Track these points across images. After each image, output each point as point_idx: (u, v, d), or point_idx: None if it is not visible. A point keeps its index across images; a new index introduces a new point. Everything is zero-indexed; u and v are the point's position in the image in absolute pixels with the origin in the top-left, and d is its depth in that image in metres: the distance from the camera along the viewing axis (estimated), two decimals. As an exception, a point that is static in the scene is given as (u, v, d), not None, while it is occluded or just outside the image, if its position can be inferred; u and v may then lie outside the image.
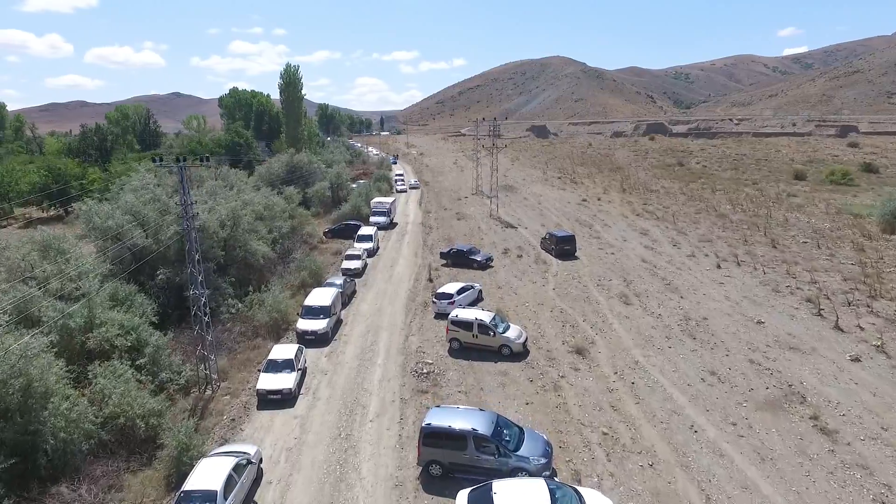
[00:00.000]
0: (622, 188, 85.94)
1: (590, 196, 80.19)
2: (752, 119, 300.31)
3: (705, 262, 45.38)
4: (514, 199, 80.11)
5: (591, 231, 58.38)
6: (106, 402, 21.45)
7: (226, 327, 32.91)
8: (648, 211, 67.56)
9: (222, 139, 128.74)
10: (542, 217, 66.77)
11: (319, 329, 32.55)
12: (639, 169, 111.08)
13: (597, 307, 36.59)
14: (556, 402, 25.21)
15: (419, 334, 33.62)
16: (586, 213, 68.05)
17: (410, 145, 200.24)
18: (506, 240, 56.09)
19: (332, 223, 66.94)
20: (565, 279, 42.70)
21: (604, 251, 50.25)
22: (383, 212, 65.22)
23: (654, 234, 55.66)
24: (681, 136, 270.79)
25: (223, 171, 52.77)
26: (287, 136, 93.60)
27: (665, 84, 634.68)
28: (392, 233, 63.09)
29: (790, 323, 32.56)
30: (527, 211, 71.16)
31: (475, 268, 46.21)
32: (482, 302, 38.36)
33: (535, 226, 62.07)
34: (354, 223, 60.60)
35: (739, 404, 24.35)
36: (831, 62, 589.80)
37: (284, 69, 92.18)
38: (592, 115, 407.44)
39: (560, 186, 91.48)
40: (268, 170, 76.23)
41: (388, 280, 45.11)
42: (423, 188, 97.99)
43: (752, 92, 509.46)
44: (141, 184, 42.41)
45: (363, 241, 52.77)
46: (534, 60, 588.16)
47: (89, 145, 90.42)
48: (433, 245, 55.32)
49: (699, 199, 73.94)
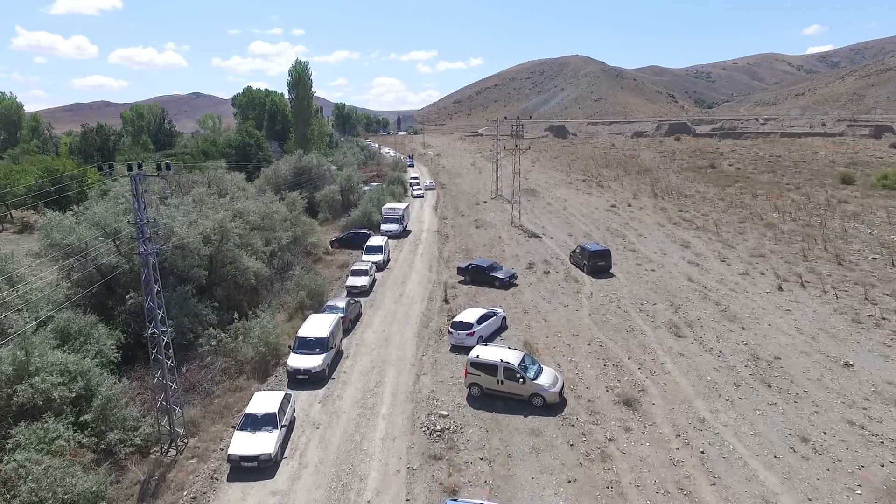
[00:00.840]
0: (653, 192, 79.76)
1: (619, 201, 74.16)
2: (778, 119, 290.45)
3: (763, 283, 39.37)
4: (537, 204, 74.40)
5: (624, 242, 52.53)
6: (18, 487, 16.32)
7: (204, 363, 27.79)
8: (686, 219, 61.45)
9: (232, 139, 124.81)
10: (568, 225, 60.97)
11: (314, 367, 27.31)
12: (668, 171, 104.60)
13: (643, 340, 30.88)
14: (606, 480, 19.64)
15: (432, 373, 28.24)
16: (617, 221, 62.11)
17: (427, 145, 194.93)
18: (530, 252, 50.48)
19: (340, 230, 61.86)
20: (602, 302, 37.01)
21: (642, 267, 44.41)
22: (395, 219, 59.95)
23: (697, 247, 49.66)
24: (705, 136, 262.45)
25: (217, 176, 47.80)
26: (296, 136, 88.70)
27: (686, 83, 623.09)
28: (405, 242, 57.76)
29: (886, 366, 26.60)
30: (551, 218, 65.40)
31: (497, 286, 40.71)
32: (506, 331, 32.85)
33: (561, 236, 56.35)
34: (363, 232, 55.42)
35: (851, 490, 18.58)
36: (858, 60, 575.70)
37: (293, 65, 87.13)
38: (612, 114, 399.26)
39: (586, 190, 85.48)
40: (274, 172, 71.50)
41: (398, 300, 39.78)
42: (439, 191, 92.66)
43: (776, 91, 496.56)
44: (121, 191, 37.70)
45: (372, 254, 47.55)
46: (552, 60, 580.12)
47: (91, 146, 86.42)
48: (449, 257, 49.92)
49: (740, 205, 67.61)
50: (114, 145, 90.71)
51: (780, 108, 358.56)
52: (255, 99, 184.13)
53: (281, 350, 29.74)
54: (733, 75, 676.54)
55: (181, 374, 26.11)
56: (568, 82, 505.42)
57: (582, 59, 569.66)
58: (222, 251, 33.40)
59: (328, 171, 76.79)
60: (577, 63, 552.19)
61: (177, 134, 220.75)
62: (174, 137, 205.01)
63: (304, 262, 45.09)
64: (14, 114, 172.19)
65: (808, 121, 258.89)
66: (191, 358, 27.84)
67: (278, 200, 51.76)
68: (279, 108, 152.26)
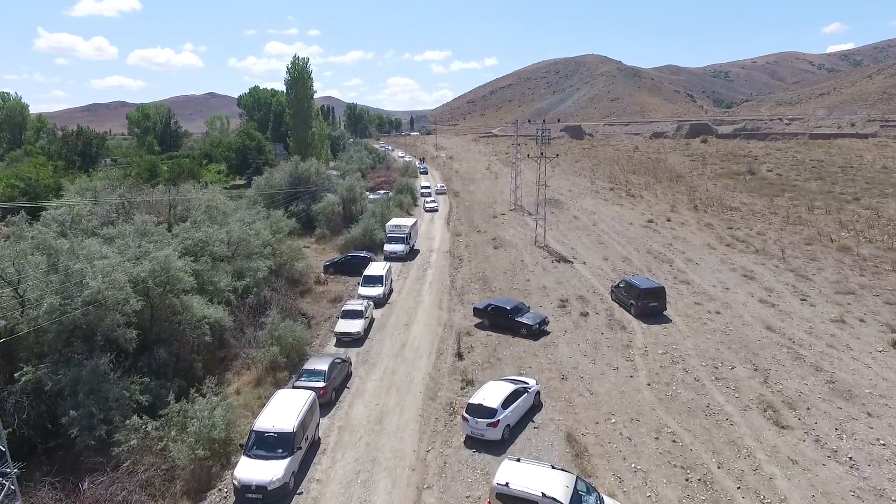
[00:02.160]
0: (693, 204, 70.82)
1: (655, 215, 65.37)
2: (804, 119, 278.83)
3: (868, 335, 30.59)
4: (562, 217, 65.83)
5: (672, 270, 43.88)
6: None
7: (118, 474, 19.70)
8: (739, 238, 52.61)
9: (232, 142, 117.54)
10: (602, 246, 52.34)
11: (272, 480, 19.15)
12: (703, 178, 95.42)
13: (731, 431, 22.35)
14: None
15: (440, 485, 20.00)
16: (658, 241, 53.39)
17: (440, 147, 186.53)
18: (560, 282, 42.00)
19: (338, 250, 53.82)
20: (662, 363, 28.48)
21: (703, 307, 35.76)
22: (401, 238, 51.69)
23: (764, 278, 40.87)
24: (728, 137, 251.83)
25: (183, 193, 39.64)
26: (294, 140, 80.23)
27: (704, 82, 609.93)
28: (411, 265, 49.53)
29: None
30: (580, 236, 56.79)
31: (523, 334, 32.35)
32: (540, 411, 24.47)
33: (595, 259, 47.80)
34: (363, 255, 47.28)
35: None
36: (882, 58, 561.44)
37: (292, 62, 78.61)
38: (629, 114, 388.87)
39: (615, 201, 76.69)
40: (267, 182, 63.63)
41: (399, 352, 31.54)
42: (452, 200, 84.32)
43: (798, 90, 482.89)
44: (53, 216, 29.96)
45: (370, 286, 39.42)
46: (568, 59, 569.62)
47: (71, 150, 79.06)
48: (463, 288, 41.63)
49: (798, 221, 58.59)
50: (97, 150, 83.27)
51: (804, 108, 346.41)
52: (261, 99, 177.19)
53: (233, 446, 21.59)
54: (752, 74, 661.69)
55: (80, 495, 18.13)
56: (584, 82, 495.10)
57: (598, 58, 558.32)
58: (165, 301, 25.37)
59: (328, 179, 68.80)
60: (592, 62, 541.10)
61: (183, 135, 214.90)
62: (180, 139, 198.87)
63: (288, 298, 36.93)
64: (18, 114, 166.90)
65: (835, 121, 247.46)
66: (99, 466, 19.80)
67: (265, 217, 43.84)
68: (285, 109, 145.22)
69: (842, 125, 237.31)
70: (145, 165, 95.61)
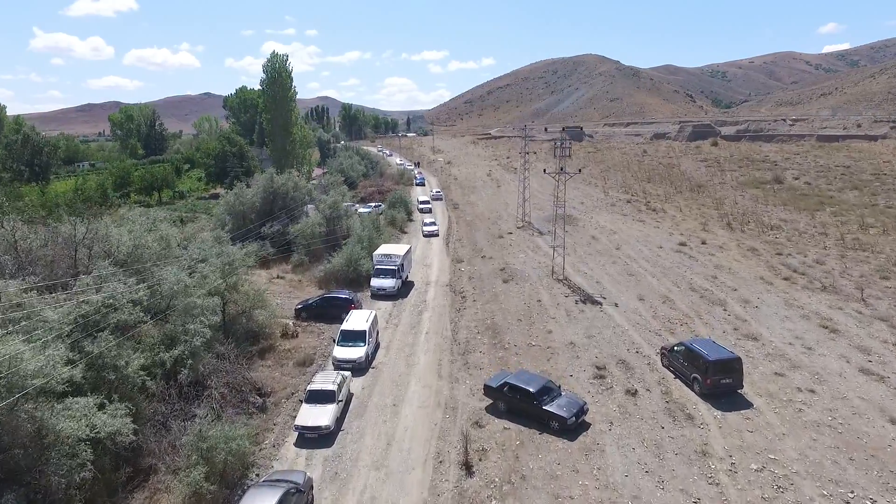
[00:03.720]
0: (725, 221, 62.14)
1: (686, 235, 56.67)
2: (808, 119, 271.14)
3: None
4: (578, 237, 57.04)
5: (728, 317, 35.11)
6: None
7: None
8: (796, 269, 43.94)
9: (211, 148, 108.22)
10: (633, 279, 43.46)
11: None
12: (725, 187, 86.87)
13: None
14: None
15: None
16: (698, 271, 44.63)
17: (437, 150, 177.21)
18: (591, 335, 33.15)
19: (316, 284, 44.91)
20: (762, 488, 19.64)
21: (787, 380, 26.97)
22: (391, 270, 42.67)
23: (850, 331, 32.14)
24: (732, 138, 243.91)
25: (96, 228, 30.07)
26: (272, 148, 70.54)
27: (702, 82, 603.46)
28: (404, 306, 40.57)
29: None
30: (604, 264, 47.94)
31: (552, 428, 23.52)
32: None
33: (628, 299, 38.97)
34: (343, 296, 38.22)
35: None
36: (880, 58, 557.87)
37: (269, 59, 68.69)
38: (629, 115, 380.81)
39: (635, 216, 67.91)
40: (238, 199, 54.41)
41: (381, 458, 22.63)
42: (452, 213, 75.41)
43: (798, 90, 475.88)
44: None
45: (349, 345, 30.57)
46: (565, 59, 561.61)
47: (17, 159, 69.58)
48: (469, 344, 32.76)
49: (857, 244, 49.97)
50: (48, 159, 73.85)
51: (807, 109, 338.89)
52: (248, 101, 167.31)
53: None
54: (750, 74, 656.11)
55: None
56: (582, 82, 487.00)
57: (596, 57, 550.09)
58: (15, 418, 16.37)
59: (309, 194, 59.68)
60: (591, 62, 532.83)
61: (171, 137, 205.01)
62: (165, 141, 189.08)
63: (238, 367, 27.91)
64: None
65: (840, 121, 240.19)
66: None
67: (218, 254, 34.47)
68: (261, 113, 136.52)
69: (847, 126, 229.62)
70: (116, 173, 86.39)
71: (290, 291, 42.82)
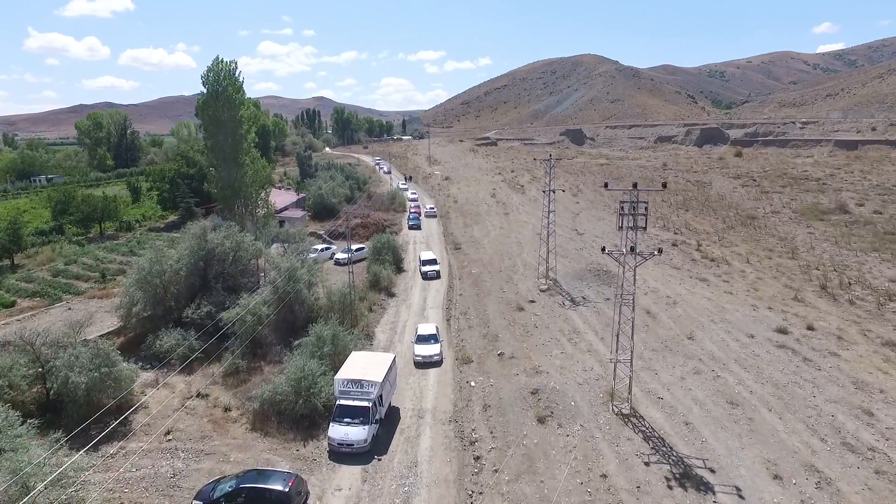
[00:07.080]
0: (817, 281, 46.67)
1: (777, 309, 41.52)
2: (818, 122, 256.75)
3: None
4: (628, 312, 41.43)
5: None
6: None
7: None
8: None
9: (166, 170, 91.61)
10: (742, 419, 28.06)
11: None
12: (782, 218, 71.60)
13: None
14: None
15: None
16: (835, 397, 29.14)
17: (433, 161, 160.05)
18: None
19: (250, 421, 28.93)
20: None
21: None
22: (361, 409, 26.87)
23: None
24: (743, 143, 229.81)
25: None
26: (216, 185, 52.83)
27: (700, 83, 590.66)
28: (378, 477, 24.69)
29: None
30: (684, 375, 32.38)
31: None
32: None
33: (753, 474, 23.44)
34: (270, 489, 22.30)
35: None
36: (877, 58, 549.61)
37: (210, 66, 51.52)
38: (631, 116, 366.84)
39: (691, 269, 52.56)
40: (156, 263, 38.12)
41: None
42: (453, 259, 59.55)
43: (801, 91, 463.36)
44: None
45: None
46: (564, 59, 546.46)
47: None
48: None
49: None
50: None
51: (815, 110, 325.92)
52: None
53: None
54: (748, 74, 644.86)
55: None
56: (581, 82, 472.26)
57: (595, 58, 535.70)
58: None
59: (254, 255, 43.36)
60: (590, 62, 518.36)
61: (145, 145, 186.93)
62: (138, 151, 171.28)
63: None
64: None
65: (853, 124, 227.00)
66: None
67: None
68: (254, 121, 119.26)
69: (861, 129, 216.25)
70: (56, 197, 70.28)
71: (203, 438, 26.97)
